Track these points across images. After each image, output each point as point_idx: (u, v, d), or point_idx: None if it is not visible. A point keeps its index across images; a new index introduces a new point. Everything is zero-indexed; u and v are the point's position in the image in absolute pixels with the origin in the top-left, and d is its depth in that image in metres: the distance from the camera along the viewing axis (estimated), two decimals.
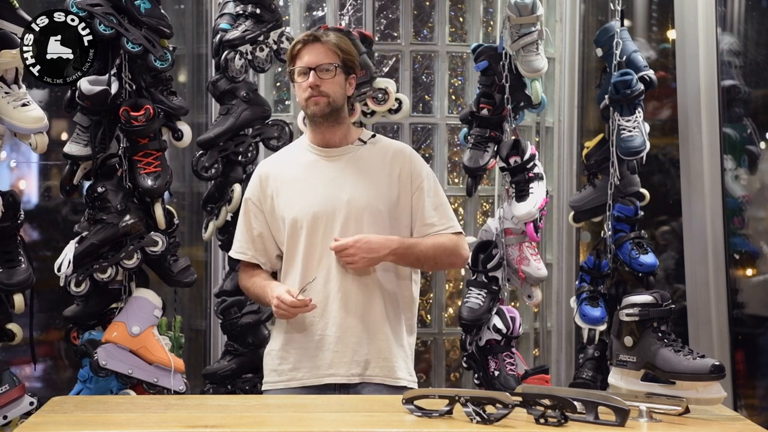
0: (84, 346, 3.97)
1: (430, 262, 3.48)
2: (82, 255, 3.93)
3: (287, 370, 3.41)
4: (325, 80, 3.36)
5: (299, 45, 3.39)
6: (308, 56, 3.38)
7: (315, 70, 3.35)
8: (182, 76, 5.00)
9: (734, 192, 4.86)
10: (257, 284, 3.46)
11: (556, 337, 4.97)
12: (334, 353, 3.36)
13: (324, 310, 3.36)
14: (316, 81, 3.35)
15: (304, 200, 3.39)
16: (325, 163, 3.43)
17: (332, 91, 3.37)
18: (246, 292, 3.58)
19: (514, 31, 4.27)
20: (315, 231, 3.36)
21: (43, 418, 2.88)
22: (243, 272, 3.53)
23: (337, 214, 3.36)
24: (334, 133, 3.43)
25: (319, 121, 3.40)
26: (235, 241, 3.51)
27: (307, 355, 3.38)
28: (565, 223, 4.86)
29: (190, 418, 2.87)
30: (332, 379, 3.37)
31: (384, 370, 3.39)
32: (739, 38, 4.91)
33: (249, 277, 3.50)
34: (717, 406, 2.98)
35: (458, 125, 4.63)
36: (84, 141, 3.98)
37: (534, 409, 2.75)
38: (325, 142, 3.44)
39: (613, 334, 3.09)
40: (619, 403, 2.72)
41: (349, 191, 3.38)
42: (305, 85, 3.36)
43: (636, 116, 4.26)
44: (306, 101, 3.38)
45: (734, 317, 4.79)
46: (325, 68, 3.36)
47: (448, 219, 3.46)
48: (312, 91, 3.35)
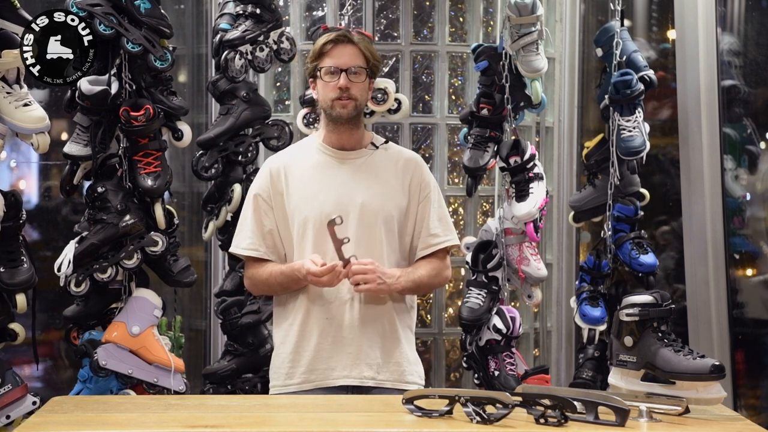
0: (84, 346, 3.97)
1: (425, 289, 3.54)
2: (82, 255, 3.93)
3: (300, 373, 3.40)
4: (354, 83, 3.35)
5: (330, 44, 3.35)
6: (339, 56, 3.35)
7: (346, 72, 3.33)
8: (182, 76, 5.00)
9: (734, 192, 4.86)
10: (275, 272, 3.39)
11: (556, 337, 4.96)
12: (348, 355, 3.36)
13: (337, 312, 3.36)
14: (347, 83, 3.33)
15: (316, 200, 3.38)
16: (339, 165, 3.42)
17: (359, 94, 3.37)
18: (262, 286, 3.47)
19: (514, 31, 4.26)
20: (326, 232, 3.32)
21: (43, 418, 2.88)
22: (251, 268, 3.47)
23: (350, 217, 3.35)
24: (351, 136, 3.43)
25: (341, 123, 3.39)
26: (242, 237, 3.45)
27: (321, 358, 3.38)
28: (565, 223, 4.85)
29: (190, 419, 2.87)
30: (346, 381, 3.37)
31: (395, 374, 3.40)
32: (739, 38, 4.90)
33: (262, 270, 3.42)
34: (717, 406, 2.99)
35: (458, 125, 4.62)
36: (84, 141, 3.98)
37: (534, 409, 2.75)
38: (341, 144, 3.43)
39: (613, 334, 3.09)
40: (619, 403, 2.72)
41: (362, 195, 3.37)
42: (334, 86, 3.34)
43: (636, 116, 4.25)
44: (332, 101, 3.35)
45: (734, 317, 4.78)
46: (356, 71, 3.35)
47: (450, 231, 3.48)
48: (341, 92, 3.34)
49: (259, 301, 4.24)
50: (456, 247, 3.55)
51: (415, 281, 3.40)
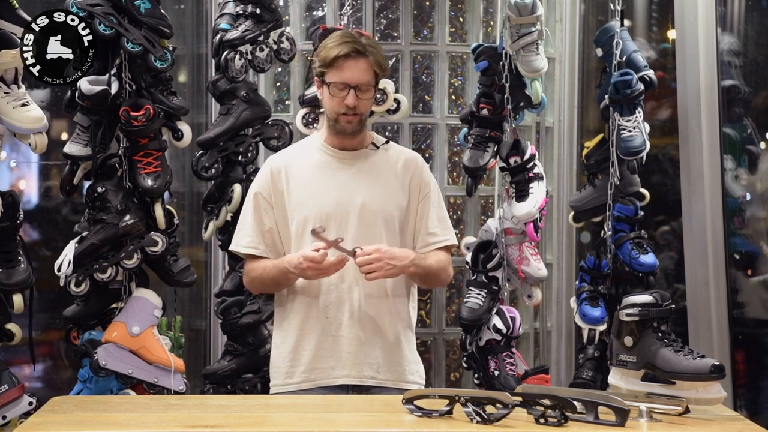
0: (84, 346, 3.97)
1: (432, 279, 3.49)
2: (82, 255, 3.93)
3: (300, 372, 3.39)
4: (362, 100, 3.34)
5: (342, 58, 3.31)
6: (351, 72, 3.32)
7: (355, 90, 3.32)
8: (182, 76, 5.00)
9: (734, 192, 4.86)
10: (269, 266, 3.38)
11: (556, 337, 4.96)
12: (348, 354, 3.36)
13: (337, 311, 3.36)
14: (355, 101, 3.32)
15: (317, 200, 3.37)
16: (339, 165, 3.42)
17: (366, 109, 3.38)
18: (257, 282, 3.45)
19: (514, 31, 4.25)
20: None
21: (43, 418, 2.88)
22: (248, 265, 3.46)
23: (350, 217, 3.35)
24: (353, 139, 3.43)
25: (346, 135, 3.39)
26: (242, 236, 3.45)
27: (321, 357, 3.37)
28: (565, 223, 4.85)
29: (190, 419, 2.87)
30: (347, 380, 3.36)
31: (396, 373, 3.40)
32: (739, 38, 4.91)
33: (257, 265, 3.41)
34: (717, 406, 2.99)
35: (458, 125, 4.62)
36: (84, 141, 3.98)
37: (534, 409, 2.75)
38: (343, 145, 3.43)
39: (613, 334, 3.09)
40: (619, 403, 2.72)
41: (363, 195, 3.37)
42: (341, 101, 3.32)
43: (636, 116, 4.24)
44: (338, 116, 3.35)
45: (734, 317, 4.78)
46: (364, 88, 3.33)
47: (449, 231, 3.48)
48: (348, 109, 3.33)
49: (259, 301, 4.23)
50: (455, 247, 3.54)
51: (425, 268, 3.39)
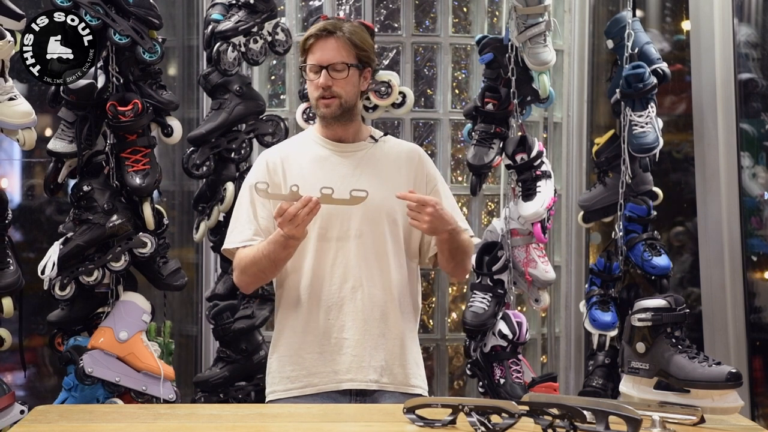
0: (69, 353, 3.97)
1: (459, 257, 3.40)
2: (67, 257, 3.92)
3: (302, 376, 3.35)
4: (337, 80, 3.30)
5: (311, 39, 3.32)
6: (320, 52, 3.30)
7: (327, 69, 3.29)
8: (172, 69, 5.01)
9: (751, 191, 4.87)
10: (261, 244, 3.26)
11: (565, 343, 4.96)
12: (353, 357, 3.32)
13: (340, 312, 3.32)
14: (328, 81, 3.29)
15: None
16: (339, 159, 3.38)
17: (344, 91, 3.32)
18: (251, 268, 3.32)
19: (521, 21, 4.26)
20: (329, 228, 3.29)
21: (27, 428, 2.85)
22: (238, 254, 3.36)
23: (353, 212, 3.31)
24: (346, 130, 3.39)
25: (330, 122, 3.36)
26: (237, 232, 3.38)
27: (324, 360, 3.34)
28: (574, 224, 4.86)
29: (180, 428, 2.86)
30: (351, 384, 3.32)
31: (399, 377, 3.37)
32: (756, 29, 4.91)
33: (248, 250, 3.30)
34: (734, 416, 2.96)
35: (462, 121, 4.63)
36: (69, 137, 3.97)
37: (541, 418, 2.71)
38: (338, 137, 3.40)
39: (624, 340, 3.06)
40: (630, 413, 2.66)
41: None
42: (317, 84, 3.31)
43: (648, 111, 4.24)
44: (317, 101, 3.33)
45: (751, 322, 4.77)
46: (338, 68, 3.30)
47: (464, 222, 3.44)
48: (323, 91, 3.30)
49: (253, 305, 4.23)
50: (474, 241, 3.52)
51: (459, 241, 3.32)
